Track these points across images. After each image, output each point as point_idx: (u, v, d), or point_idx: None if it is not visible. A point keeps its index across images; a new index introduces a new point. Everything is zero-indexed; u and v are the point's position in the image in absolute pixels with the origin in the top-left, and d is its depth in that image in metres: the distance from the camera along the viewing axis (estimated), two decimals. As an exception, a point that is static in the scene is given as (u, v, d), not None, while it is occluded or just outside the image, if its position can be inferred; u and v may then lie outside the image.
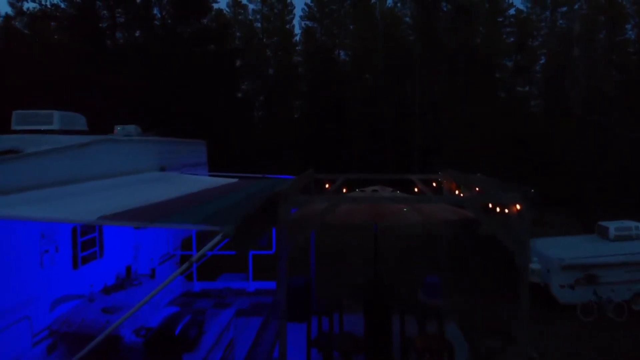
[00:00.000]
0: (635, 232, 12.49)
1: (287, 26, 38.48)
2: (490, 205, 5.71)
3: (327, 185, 8.56)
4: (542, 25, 38.04)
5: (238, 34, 38.17)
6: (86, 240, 7.21)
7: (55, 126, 8.16)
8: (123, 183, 7.17)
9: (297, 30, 39.29)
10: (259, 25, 37.80)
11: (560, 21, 36.59)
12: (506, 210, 6.70)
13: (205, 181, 8.43)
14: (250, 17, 38.11)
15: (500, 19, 37.85)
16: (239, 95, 39.73)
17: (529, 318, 5.74)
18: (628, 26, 36.42)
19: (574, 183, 21.59)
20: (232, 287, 10.10)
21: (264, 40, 38.19)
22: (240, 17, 37.98)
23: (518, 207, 6.03)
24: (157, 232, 9.50)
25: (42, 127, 8.13)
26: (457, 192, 8.08)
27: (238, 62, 38.05)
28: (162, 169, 9.35)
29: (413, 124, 33.64)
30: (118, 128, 9.98)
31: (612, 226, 12.67)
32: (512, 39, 37.66)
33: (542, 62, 36.93)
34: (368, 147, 33.86)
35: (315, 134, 34.36)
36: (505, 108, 31.69)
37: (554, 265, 11.69)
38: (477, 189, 7.20)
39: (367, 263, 8.14)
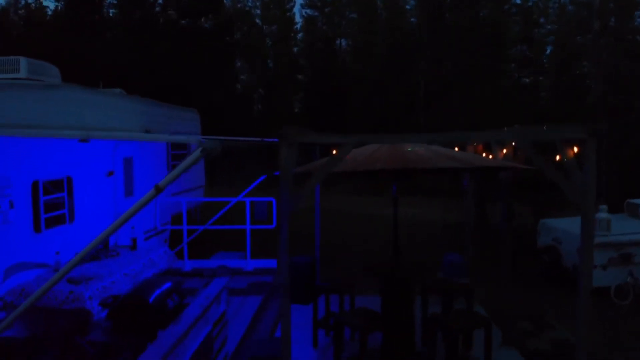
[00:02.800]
0: (668, 208, 11.39)
1: (288, 14, 37.41)
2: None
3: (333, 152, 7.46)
4: (550, 11, 37.02)
5: (237, 23, 37.11)
6: (51, 200, 6.09)
7: (22, 74, 7.06)
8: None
9: (297, 19, 38.26)
10: (258, 12, 36.71)
11: (570, 7, 35.45)
12: (557, 157, 5.61)
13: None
14: (249, 3, 37.03)
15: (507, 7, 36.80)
16: (238, 86, 38.69)
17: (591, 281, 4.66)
18: (637, 13, 35.47)
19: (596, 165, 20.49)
20: (228, 265, 8.99)
21: (264, 28, 37.10)
22: (239, 4, 36.89)
23: (575, 150, 4.96)
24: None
25: (7, 76, 7.05)
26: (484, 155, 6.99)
27: (237, 52, 37.00)
28: (147, 132, 8.25)
29: (418, 115, 32.57)
30: None
31: (644, 203, 11.56)
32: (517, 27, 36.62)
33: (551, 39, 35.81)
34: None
35: (316, 128, 33.15)
36: (515, 90, 30.67)
37: (584, 243, 10.56)
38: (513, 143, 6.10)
39: (382, 246, 7.05)
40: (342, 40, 38.79)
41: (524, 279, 11.59)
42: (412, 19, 37.06)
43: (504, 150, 6.66)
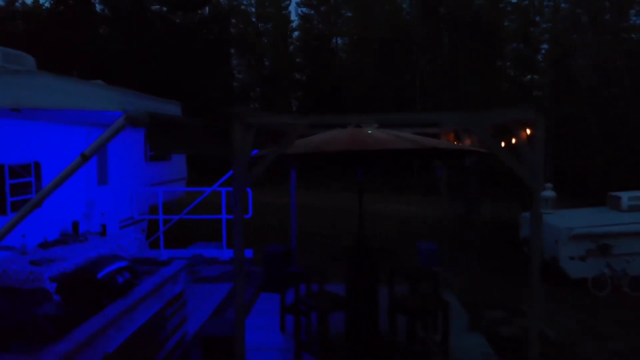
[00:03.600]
0: (650, 201, 11.40)
1: (284, 12, 37.47)
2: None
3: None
4: (546, 10, 36.99)
5: (233, 20, 37.19)
6: (19, 183, 6.15)
7: (-3, 62, 7.11)
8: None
9: (292, 17, 38.30)
10: (253, 10, 36.77)
11: (564, 4, 35.42)
12: (513, 141, 5.65)
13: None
14: (244, 1, 37.08)
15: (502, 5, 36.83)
16: (234, 84, 38.72)
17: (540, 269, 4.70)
18: (632, 11, 35.44)
19: (585, 159, 20.59)
20: (203, 254, 9.03)
21: (259, 26, 37.16)
22: (235, 2, 36.97)
23: (528, 131, 5.00)
24: (115, 191, 8.46)
25: (-17, 64, 7.10)
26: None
27: (232, 51, 37.06)
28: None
29: (414, 111, 32.55)
30: None
31: (625, 196, 11.56)
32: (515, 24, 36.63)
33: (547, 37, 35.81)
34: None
35: (314, 126, 33.18)
36: (510, 83, 30.68)
37: (562, 235, 10.59)
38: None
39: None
40: (337, 39, 38.82)
41: (507, 271, 11.64)
42: (408, 17, 37.09)
43: (470, 139, 6.72)
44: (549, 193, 4.09)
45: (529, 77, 36.36)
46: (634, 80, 21.07)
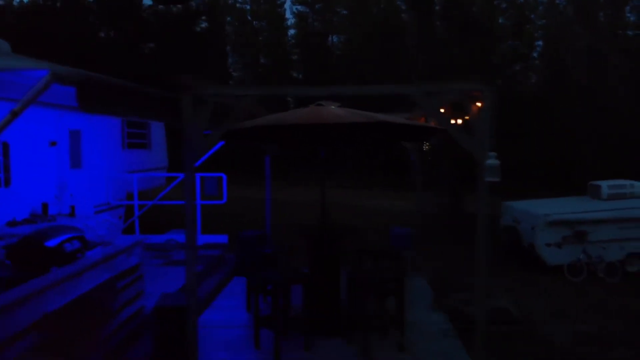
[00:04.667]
0: (629, 190, 11.43)
1: (278, 10, 37.58)
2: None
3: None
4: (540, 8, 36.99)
5: (228, 18, 37.33)
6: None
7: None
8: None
9: (287, 15, 38.39)
10: (248, 7, 36.87)
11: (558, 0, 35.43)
12: (467, 118, 5.74)
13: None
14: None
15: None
16: (230, 83, 38.82)
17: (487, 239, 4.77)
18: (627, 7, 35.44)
19: (571, 148, 20.63)
20: (178, 240, 9.13)
21: (254, 23, 37.26)
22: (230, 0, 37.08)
23: (479, 104, 5.08)
24: (89, 176, 8.56)
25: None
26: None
27: (228, 48, 37.16)
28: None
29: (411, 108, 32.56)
30: None
31: (605, 184, 11.61)
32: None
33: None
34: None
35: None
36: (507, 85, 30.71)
37: (539, 221, 10.65)
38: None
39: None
40: (333, 37, 38.90)
41: (493, 260, 11.68)
42: (403, 15, 37.12)
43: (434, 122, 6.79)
44: (492, 161, 4.00)
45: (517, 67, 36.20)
46: (624, 72, 21.12)
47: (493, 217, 13.91)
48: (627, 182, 11.61)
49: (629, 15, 35.51)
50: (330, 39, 38.93)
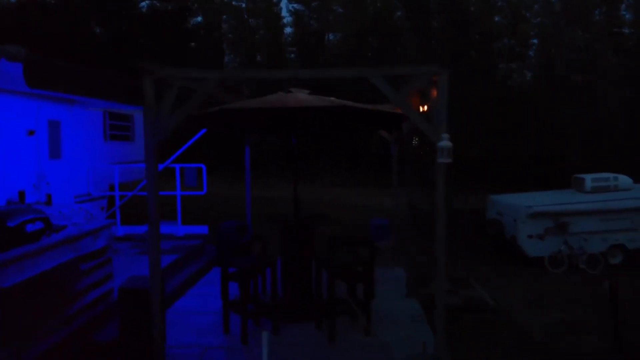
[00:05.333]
0: (613, 182, 11.47)
1: (274, 9, 37.61)
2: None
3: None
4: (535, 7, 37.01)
5: (225, 16, 37.36)
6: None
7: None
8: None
9: (284, 13, 38.44)
10: (244, 5, 36.92)
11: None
12: (426, 108, 5.79)
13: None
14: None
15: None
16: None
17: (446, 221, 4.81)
18: (622, 5, 35.48)
19: (558, 143, 20.69)
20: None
21: (250, 22, 37.30)
22: (225, -1, 37.11)
23: (435, 93, 5.12)
24: (69, 166, 8.62)
25: None
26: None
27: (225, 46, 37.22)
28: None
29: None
30: None
31: (589, 177, 11.65)
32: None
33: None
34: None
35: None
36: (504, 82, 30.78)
37: (521, 213, 10.69)
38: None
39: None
40: (329, 35, 38.93)
41: (466, 249, 11.76)
42: (399, 12, 37.17)
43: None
44: (444, 143, 3.99)
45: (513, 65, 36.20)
46: (615, 69, 21.18)
47: (480, 211, 14.00)
48: (611, 175, 11.65)
49: (624, 12, 35.69)
50: (326, 37, 38.95)
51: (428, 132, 4.73)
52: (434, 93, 5.02)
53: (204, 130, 8.26)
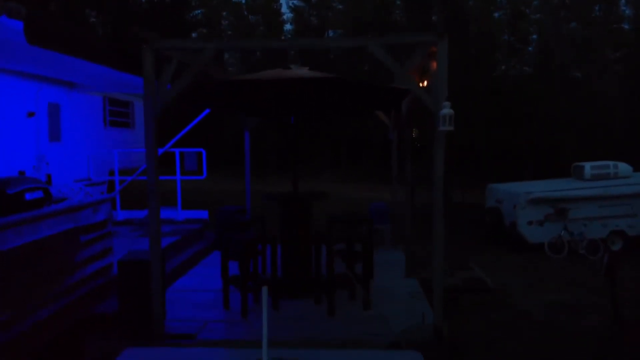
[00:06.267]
0: (613, 170, 11.47)
1: (274, 5, 37.63)
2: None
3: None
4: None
5: (224, 13, 37.39)
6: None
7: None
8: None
9: (283, 9, 38.45)
10: (243, 2, 36.94)
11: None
12: (426, 84, 5.80)
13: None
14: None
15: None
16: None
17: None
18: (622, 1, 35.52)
19: (554, 135, 20.71)
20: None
21: (250, 18, 37.33)
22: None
23: (435, 65, 5.13)
24: (69, 150, 8.64)
25: None
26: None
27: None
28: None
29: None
30: None
31: (588, 165, 11.65)
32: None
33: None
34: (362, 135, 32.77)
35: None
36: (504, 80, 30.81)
37: (520, 200, 10.70)
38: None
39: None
40: (329, 31, 38.94)
41: (465, 236, 11.78)
42: (398, 12, 37.20)
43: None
44: (446, 110, 3.94)
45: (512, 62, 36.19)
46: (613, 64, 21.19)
47: (477, 205, 14.00)
48: (611, 162, 11.65)
49: (624, 8, 35.72)
50: (326, 33, 38.95)
51: (429, 104, 4.74)
52: (434, 65, 5.04)
53: (204, 113, 8.27)
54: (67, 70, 7.17)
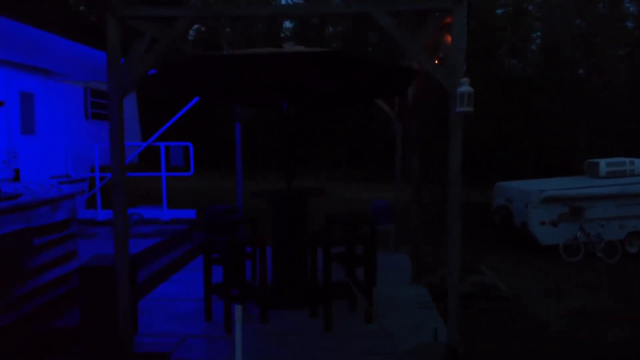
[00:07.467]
0: (629, 167, 10.78)
1: (274, 1, 36.93)
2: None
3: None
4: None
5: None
6: None
7: None
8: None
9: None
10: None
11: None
12: (437, 62, 5.09)
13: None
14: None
15: None
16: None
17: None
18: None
19: (563, 132, 20.06)
20: (144, 215, 8.49)
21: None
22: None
23: (449, 39, 4.43)
24: (44, 144, 7.94)
25: None
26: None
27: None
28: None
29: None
30: None
31: (603, 162, 10.95)
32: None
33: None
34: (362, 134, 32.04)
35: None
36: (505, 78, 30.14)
37: (532, 198, 9.99)
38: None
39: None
40: (329, 28, 38.26)
41: (474, 238, 11.06)
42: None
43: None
44: (464, 88, 3.44)
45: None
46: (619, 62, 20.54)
47: (484, 205, 13.29)
48: (627, 159, 10.96)
49: (628, 5, 35.02)
50: (326, 30, 38.27)
51: (444, 81, 4.03)
52: (448, 39, 4.34)
53: (192, 102, 7.59)
54: (37, 52, 6.47)
